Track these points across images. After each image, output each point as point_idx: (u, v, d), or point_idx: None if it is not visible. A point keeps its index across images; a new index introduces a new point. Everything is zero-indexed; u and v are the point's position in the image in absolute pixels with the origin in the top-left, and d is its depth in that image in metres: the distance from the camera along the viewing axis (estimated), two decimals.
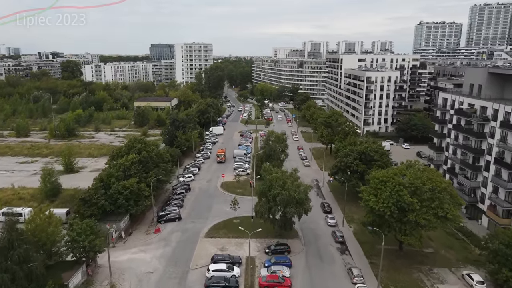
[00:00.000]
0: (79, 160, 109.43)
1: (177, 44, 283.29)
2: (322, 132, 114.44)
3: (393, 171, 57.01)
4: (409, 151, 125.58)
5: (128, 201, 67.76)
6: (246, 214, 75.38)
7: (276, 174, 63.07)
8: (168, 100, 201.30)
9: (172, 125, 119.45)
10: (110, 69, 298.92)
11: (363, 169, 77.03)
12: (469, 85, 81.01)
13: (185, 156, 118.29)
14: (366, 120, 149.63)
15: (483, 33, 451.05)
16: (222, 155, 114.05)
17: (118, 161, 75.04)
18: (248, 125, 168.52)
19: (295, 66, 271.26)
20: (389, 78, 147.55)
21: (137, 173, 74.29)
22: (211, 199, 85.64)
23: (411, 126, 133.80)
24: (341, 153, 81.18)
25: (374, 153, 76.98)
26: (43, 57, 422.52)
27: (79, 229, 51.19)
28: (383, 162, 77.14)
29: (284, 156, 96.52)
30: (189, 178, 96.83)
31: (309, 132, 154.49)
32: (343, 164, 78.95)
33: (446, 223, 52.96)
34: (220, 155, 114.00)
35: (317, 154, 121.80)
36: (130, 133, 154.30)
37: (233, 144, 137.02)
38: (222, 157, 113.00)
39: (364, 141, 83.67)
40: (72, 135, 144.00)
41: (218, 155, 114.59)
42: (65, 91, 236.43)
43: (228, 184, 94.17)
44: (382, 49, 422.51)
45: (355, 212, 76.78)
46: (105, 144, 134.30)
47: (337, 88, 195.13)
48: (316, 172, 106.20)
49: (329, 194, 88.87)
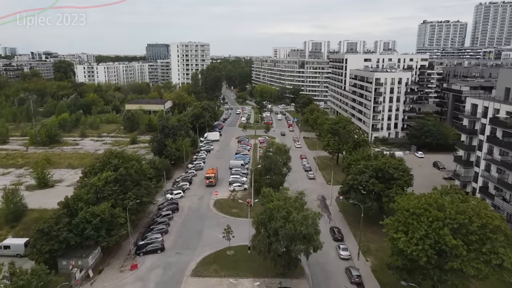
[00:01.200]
0: (55, 172, 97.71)
1: (172, 44, 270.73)
2: (329, 140, 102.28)
3: (426, 200, 44.87)
4: (424, 160, 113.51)
5: (99, 231, 55.76)
6: (242, 242, 63.37)
7: (278, 202, 50.98)
8: (161, 102, 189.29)
9: (161, 132, 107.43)
10: (103, 70, 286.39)
11: (380, 189, 65.00)
12: (504, 90, 68.86)
13: (176, 167, 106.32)
14: (374, 125, 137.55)
15: (489, 32, 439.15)
16: (212, 177, 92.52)
17: (89, 180, 62.95)
18: (247, 130, 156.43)
19: (296, 67, 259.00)
20: (399, 80, 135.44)
21: (112, 195, 62.23)
22: (202, 221, 73.54)
23: (424, 133, 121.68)
24: (353, 169, 69.12)
25: (394, 170, 64.93)
26: (36, 57, 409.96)
27: (21, 282, 39.12)
28: (405, 181, 65.14)
29: (286, 170, 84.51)
30: (178, 194, 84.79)
31: (313, 138, 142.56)
32: (356, 182, 66.87)
33: (502, 273, 40.88)
34: (210, 177, 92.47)
35: (322, 164, 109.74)
36: (119, 139, 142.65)
37: (229, 152, 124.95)
38: (212, 180, 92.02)
39: (380, 155, 71.55)
40: (54, 142, 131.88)
41: (207, 177, 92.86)
42: (55, 92, 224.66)
43: (222, 202, 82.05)
44: (385, 48, 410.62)
45: (372, 239, 64.85)
46: (89, 152, 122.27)
47: (341, 90, 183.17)
48: (322, 186, 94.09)
49: (338, 215, 76.73)
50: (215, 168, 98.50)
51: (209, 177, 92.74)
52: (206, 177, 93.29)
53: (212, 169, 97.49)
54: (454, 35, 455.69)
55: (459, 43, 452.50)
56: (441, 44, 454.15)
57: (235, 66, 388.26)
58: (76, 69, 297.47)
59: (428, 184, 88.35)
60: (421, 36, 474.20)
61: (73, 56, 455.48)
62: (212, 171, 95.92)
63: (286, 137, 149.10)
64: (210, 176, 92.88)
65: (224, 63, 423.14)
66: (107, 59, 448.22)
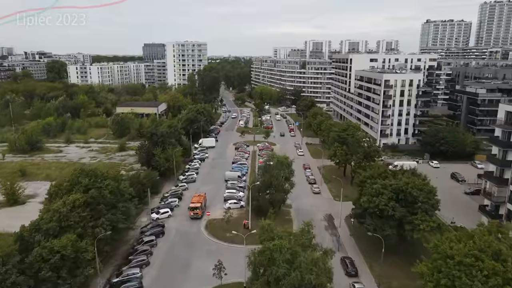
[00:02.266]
0: (30, 186, 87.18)
1: (168, 43, 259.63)
2: (336, 150, 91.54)
3: (475, 244, 34.14)
4: (440, 171, 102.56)
5: (59, 271, 45.15)
6: (236, 278, 52.83)
7: (280, 242, 40.27)
8: (155, 105, 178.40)
9: (150, 140, 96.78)
10: (96, 70, 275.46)
11: (402, 215, 54.36)
12: None
13: (165, 178, 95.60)
14: (383, 131, 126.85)
15: (494, 32, 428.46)
16: (198, 208, 72.66)
17: (52, 205, 52.33)
18: (245, 135, 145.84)
19: (297, 67, 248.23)
20: (410, 82, 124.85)
21: (80, 222, 51.71)
22: (191, 250, 62.85)
23: (439, 140, 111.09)
24: (368, 189, 58.45)
25: (418, 192, 54.24)
26: (29, 57, 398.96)
27: None
28: (431, 204, 54.53)
29: (289, 186, 73.97)
30: (165, 214, 74.15)
31: (316, 145, 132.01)
32: (372, 205, 56.19)
33: None
34: (195, 208, 72.55)
35: (328, 175, 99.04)
36: (107, 145, 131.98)
37: (226, 161, 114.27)
38: (198, 211, 72.42)
39: (400, 173, 60.84)
40: (35, 149, 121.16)
41: (192, 208, 72.79)
42: (44, 94, 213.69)
43: (215, 224, 71.32)
44: (388, 48, 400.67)
45: (393, 274, 54.18)
46: (71, 161, 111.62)
47: (345, 92, 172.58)
48: (329, 202, 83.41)
49: (350, 241, 66.01)
50: (203, 195, 78.97)
51: (194, 208, 72.92)
52: (190, 208, 73.26)
53: (198, 196, 77.75)
54: (459, 34, 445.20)
55: (464, 42, 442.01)
56: (445, 44, 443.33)
57: (234, 67, 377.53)
58: (69, 69, 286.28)
59: (449, 201, 78.03)
60: (425, 35, 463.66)
61: (68, 56, 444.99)
62: (198, 199, 75.97)
63: (287, 142, 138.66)
64: (196, 207, 73.06)
65: (222, 63, 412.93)
66: (104, 59, 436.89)
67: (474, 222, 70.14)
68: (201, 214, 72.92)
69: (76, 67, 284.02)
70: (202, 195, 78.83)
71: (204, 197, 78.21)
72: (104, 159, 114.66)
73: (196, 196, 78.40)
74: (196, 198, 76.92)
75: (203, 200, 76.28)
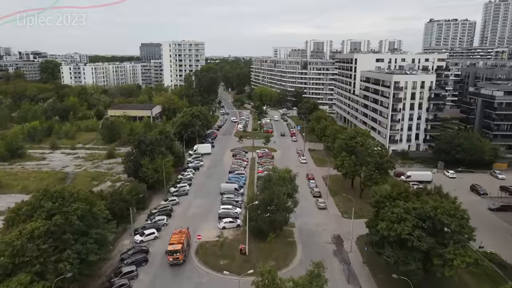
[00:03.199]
0: (3, 200, 78.02)
1: (164, 43, 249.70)
2: (343, 160, 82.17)
3: None
4: (457, 182, 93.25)
5: None
6: None
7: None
8: (149, 108, 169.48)
9: (138, 149, 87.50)
10: (90, 71, 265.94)
11: (429, 246, 45.10)
12: None
13: (155, 191, 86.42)
14: (392, 136, 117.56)
15: (499, 31, 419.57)
16: (178, 252, 55.66)
17: (5, 237, 43.08)
18: (243, 140, 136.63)
19: (298, 67, 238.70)
20: (422, 83, 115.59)
21: (39, 257, 42.48)
22: (178, 283, 53.47)
23: (454, 147, 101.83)
24: (387, 213, 49.12)
25: (450, 219, 44.95)
26: (24, 57, 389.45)
27: None
28: (467, 233, 45.25)
29: (292, 204, 64.71)
30: (150, 235, 64.92)
31: (320, 151, 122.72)
32: (393, 234, 46.89)
33: None
34: (175, 252, 55.67)
35: (335, 187, 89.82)
36: (95, 151, 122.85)
37: (222, 169, 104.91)
38: (179, 256, 55.70)
39: (425, 193, 51.50)
40: (16, 156, 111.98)
41: (170, 252, 55.85)
42: (35, 95, 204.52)
43: (207, 248, 61.92)
44: (390, 48, 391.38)
45: None
46: (53, 170, 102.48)
47: (350, 94, 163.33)
48: (336, 220, 74.08)
49: (363, 271, 56.61)
50: (185, 230, 61.83)
51: (173, 251, 55.52)
52: (169, 252, 55.90)
53: (179, 233, 60.44)
54: (463, 34, 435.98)
55: (468, 42, 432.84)
56: (449, 44, 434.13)
57: (233, 67, 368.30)
58: (62, 70, 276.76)
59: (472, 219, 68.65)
60: (428, 35, 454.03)
61: (65, 56, 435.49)
62: (178, 237, 58.53)
63: (289, 148, 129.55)
64: (176, 250, 55.61)
65: (221, 64, 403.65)
66: (102, 59, 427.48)
67: (506, 247, 61.49)
68: (182, 258, 56.25)
69: (69, 68, 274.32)
70: (184, 231, 61.65)
71: (187, 234, 61.33)
72: (90, 168, 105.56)
73: (176, 233, 60.64)
74: (177, 236, 59.14)
75: (185, 239, 58.68)
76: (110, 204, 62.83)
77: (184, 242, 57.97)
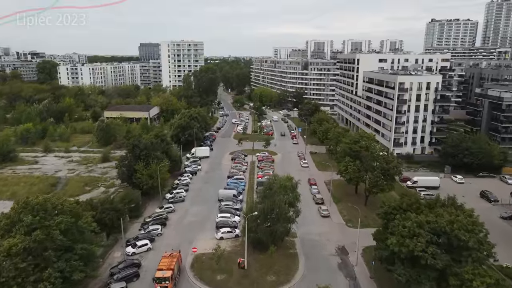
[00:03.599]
0: None
1: (162, 42, 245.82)
2: (347, 166, 78.25)
3: None
4: (466, 187, 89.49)
5: None
6: None
7: None
8: (146, 109, 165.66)
9: (132, 153, 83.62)
10: (88, 71, 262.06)
11: (445, 264, 41.23)
12: None
13: (150, 198, 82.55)
14: (396, 139, 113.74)
15: (501, 31, 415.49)
16: (167, 278, 48.45)
17: None
18: (243, 143, 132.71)
19: (299, 68, 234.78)
20: (428, 85, 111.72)
21: (17, 277, 38.61)
22: None
23: (462, 150, 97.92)
24: (398, 227, 45.24)
25: (467, 234, 41.06)
26: (21, 57, 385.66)
27: None
28: (486, 250, 41.39)
29: (294, 215, 60.83)
30: (143, 247, 61.00)
31: (321, 154, 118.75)
32: (405, 250, 43.00)
33: None
34: (163, 280, 48.47)
35: (338, 193, 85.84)
36: (90, 154, 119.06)
37: (220, 174, 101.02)
38: (168, 284, 48.30)
39: (439, 204, 47.57)
40: (7, 160, 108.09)
41: (158, 280, 48.61)
42: (30, 96, 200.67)
43: (203, 261, 57.94)
44: (392, 48, 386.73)
45: None
46: (46, 174, 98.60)
47: (352, 95, 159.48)
48: (341, 229, 70.14)
49: (370, 286, 52.70)
50: (176, 254, 54.96)
51: (161, 280, 48.46)
52: (157, 280, 48.71)
53: (169, 256, 53.61)
54: (464, 34, 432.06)
55: (470, 42, 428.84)
56: (451, 44, 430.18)
57: (233, 67, 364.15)
58: (59, 70, 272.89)
59: None
60: (429, 35, 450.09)
61: (63, 56, 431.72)
62: (168, 262, 51.70)
63: (289, 151, 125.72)
64: (165, 277, 48.52)
65: (221, 64, 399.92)
66: (101, 59, 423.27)
67: None
68: (171, 287, 48.96)
69: (66, 68, 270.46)
70: (176, 254, 54.61)
71: (178, 258, 54.18)
72: (83, 172, 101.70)
73: (166, 257, 53.67)
74: (167, 261, 52.19)
75: (175, 264, 51.73)
76: (100, 214, 58.90)
77: (175, 268, 51.05)
